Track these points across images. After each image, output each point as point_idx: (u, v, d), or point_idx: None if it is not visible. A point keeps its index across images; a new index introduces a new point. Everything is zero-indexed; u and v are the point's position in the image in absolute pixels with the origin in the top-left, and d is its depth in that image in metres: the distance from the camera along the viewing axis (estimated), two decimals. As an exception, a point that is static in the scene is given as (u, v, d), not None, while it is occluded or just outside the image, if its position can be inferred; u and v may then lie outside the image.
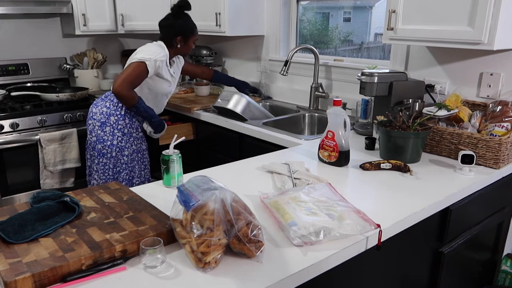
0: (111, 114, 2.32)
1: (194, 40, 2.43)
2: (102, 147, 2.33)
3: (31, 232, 1.05)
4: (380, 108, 2.01)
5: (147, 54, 2.23)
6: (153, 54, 2.24)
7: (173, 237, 1.07)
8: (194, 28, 2.42)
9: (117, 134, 2.34)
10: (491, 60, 1.95)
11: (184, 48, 2.42)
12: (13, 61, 3.17)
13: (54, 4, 3.04)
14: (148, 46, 2.31)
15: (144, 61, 2.20)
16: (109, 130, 2.32)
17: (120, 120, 2.33)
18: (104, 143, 2.33)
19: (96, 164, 2.36)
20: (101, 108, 2.33)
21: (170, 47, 2.37)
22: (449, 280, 1.69)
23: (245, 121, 2.41)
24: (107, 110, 2.32)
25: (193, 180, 1.13)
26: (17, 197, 2.83)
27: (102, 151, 2.34)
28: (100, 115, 2.32)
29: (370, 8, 2.67)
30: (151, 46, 2.31)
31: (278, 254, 1.06)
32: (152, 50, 2.26)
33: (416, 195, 1.42)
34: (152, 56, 2.23)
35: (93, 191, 1.34)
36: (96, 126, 2.33)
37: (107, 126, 2.32)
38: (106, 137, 2.33)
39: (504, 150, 1.62)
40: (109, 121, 2.32)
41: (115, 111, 2.32)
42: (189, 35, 2.39)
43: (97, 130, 2.33)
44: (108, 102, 2.34)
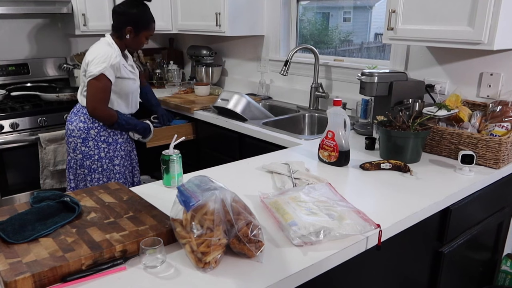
0: (89, 128, 2.19)
1: (147, 35, 2.25)
2: (91, 163, 2.22)
3: (31, 232, 1.05)
4: (380, 108, 2.01)
5: (100, 63, 2.07)
6: (105, 60, 2.07)
7: (173, 237, 1.07)
8: (150, 22, 2.24)
9: (102, 146, 2.22)
10: (491, 60, 1.96)
11: (134, 42, 2.23)
12: (13, 61, 3.17)
13: (54, 4, 3.03)
14: (96, 50, 2.14)
15: (101, 72, 2.06)
16: (93, 144, 2.21)
17: (101, 132, 2.21)
18: (92, 158, 2.22)
19: (89, 182, 2.25)
20: (77, 124, 2.20)
21: (119, 38, 2.21)
22: (449, 280, 1.69)
23: (245, 121, 2.41)
24: (84, 125, 2.19)
25: (193, 180, 1.13)
26: (17, 197, 2.83)
27: (92, 166, 2.23)
28: (79, 132, 2.20)
29: (370, 8, 2.67)
30: (98, 49, 2.13)
31: (278, 254, 1.06)
32: (101, 55, 2.09)
33: (416, 195, 1.42)
34: (106, 63, 2.07)
35: (93, 191, 1.34)
36: (78, 144, 2.21)
37: (89, 141, 2.20)
38: (92, 152, 2.21)
39: (504, 150, 1.62)
40: (90, 135, 2.20)
41: (92, 124, 2.20)
42: (141, 28, 2.20)
43: (81, 147, 2.21)
44: (82, 116, 2.20)
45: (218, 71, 3.38)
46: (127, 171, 2.34)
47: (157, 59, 3.73)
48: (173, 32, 3.34)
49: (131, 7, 2.19)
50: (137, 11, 2.19)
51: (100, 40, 2.23)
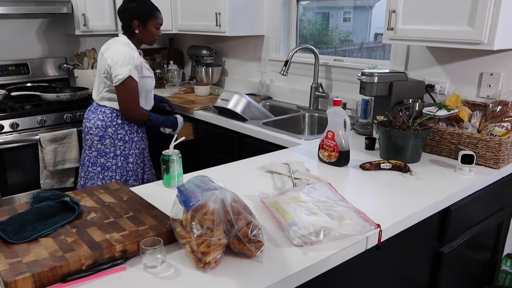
0: (107, 126, 2.22)
1: (155, 25, 2.24)
2: (105, 161, 2.25)
3: (31, 232, 1.05)
4: (380, 108, 2.01)
5: (125, 66, 2.09)
6: (129, 62, 2.09)
7: (173, 237, 1.07)
8: (153, 11, 2.22)
9: (118, 144, 2.25)
10: (491, 60, 1.96)
11: (145, 35, 2.23)
12: (13, 61, 3.17)
13: (54, 4, 3.03)
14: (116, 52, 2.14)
15: (129, 75, 2.09)
16: (110, 142, 2.23)
17: (119, 130, 2.24)
18: (107, 156, 2.24)
19: (101, 180, 2.27)
20: (95, 121, 2.23)
21: (131, 36, 2.22)
22: (449, 280, 1.69)
23: (245, 121, 2.41)
24: (102, 123, 2.22)
25: (193, 180, 1.13)
26: (17, 197, 2.83)
27: (106, 164, 2.25)
28: (97, 129, 2.23)
29: (370, 8, 2.67)
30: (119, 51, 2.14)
31: (278, 254, 1.06)
32: (124, 57, 2.10)
33: (416, 195, 1.42)
34: (131, 65, 2.09)
35: (93, 191, 1.34)
36: (94, 141, 2.24)
37: (106, 139, 2.23)
38: (108, 149, 2.24)
39: (504, 150, 1.62)
40: (107, 133, 2.22)
41: (110, 122, 2.22)
42: (146, 19, 2.20)
43: (97, 145, 2.24)
44: (101, 114, 2.23)
45: (218, 71, 3.38)
46: (139, 168, 2.36)
47: (157, 59, 3.73)
48: (173, 32, 3.34)
49: (130, 1, 2.22)
50: (137, 3, 2.21)
51: (115, 40, 2.24)
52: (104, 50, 2.22)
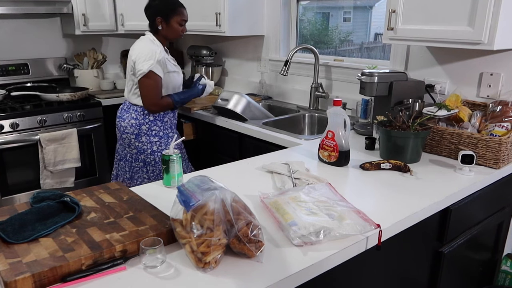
0: (141, 124, 2.25)
1: (179, 21, 2.24)
2: (145, 157, 2.28)
3: (31, 232, 1.05)
4: (380, 108, 2.01)
5: (146, 61, 2.12)
6: (151, 57, 2.12)
7: (173, 237, 1.07)
8: (176, 7, 2.23)
9: (154, 140, 2.27)
10: (491, 60, 1.95)
11: (169, 31, 2.24)
12: (13, 61, 3.17)
13: (54, 4, 3.04)
14: (139, 49, 2.19)
15: (150, 70, 2.11)
16: (146, 139, 2.26)
17: (152, 126, 2.27)
18: (146, 152, 2.27)
19: (145, 173, 2.31)
20: (129, 120, 2.26)
21: (156, 33, 2.25)
22: (449, 280, 1.69)
23: (245, 121, 2.41)
24: (136, 121, 2.25)
25: (193, 180, 1.13)
26: (17, 197, 2.84)
27: (146, 160, 2.28)
28: (131, 128, 2.26)
29: (370, 8, 2.67)
30: (142, 47, 2.19)
31: (278, 254, 1.06)
32: (146, 53, 2.14)
33: (416, 195, 1.42)
34: (152, 60, 2.12)
35: (93, 191, 1.34)
36: (132, 140, 2.27)
37: (142, 136, 2.26)
38: (146, 147, 2.27)
39: (504, 150, 1.62)
40: (142, 131, 2.25)
41: (143, 119, 2.25)
42: (169, 15, 2.21)
43: (135, 143, 2.27)
44: (133, 113, 2.27)
45: (218, 71, 3.38)
46: None
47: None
48: (173, 32, 3.33)
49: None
50: (160, 0, 2.23)
51: (141, 38, 2.28)
52: (131, 48, 2.26)
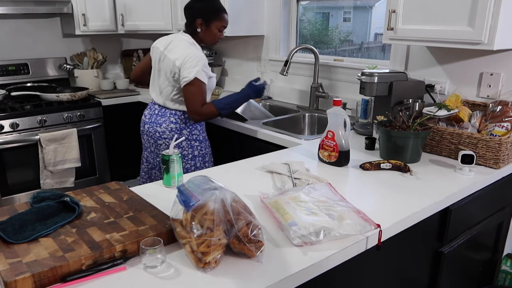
0: (182, 128, 2.17)
1: (219, 26, 2.16)
2: (184, 163, 2.19)
3: (31, 232, 1.05)
4: (380, 108, 2.01)
5: (192, 67, 2.02)
6: (197, 64, 2.02)
7: (173, 237, 1.07)
8: (219, 11, 2.15)
9: (195, 145, 2.21)
10: (491, 60, 1.95)
11: (207, 35, 2.16)
12: (13, 61, 3.17)
13: (54, 4, 3.04)
14: (184, 52, 2.06)
15: (195, 77, 2.02)
16: (187, 144, 2.19)
17: (193, 130, 2.20)
18: (185, 158, 2.19)
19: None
20: (167, 125, 2.17)
21: (193, 34, 2.16)
22: (449, 280, 1.69)
23: (245, 121, 2.41)
24: (176, 126, 2.17)
25: (193, 180, 1.13)
26: (17, 197, 2.84)
27: (185, 166, 2.19)
28: (171, 133, 2.17)
29: (370, 8, 2.67)
30: (187, 51, 2.06)
31: (278, 254, 1.06)
32: (192, 59, 2.03)
33: (416, 195, 1.42)
34: (199, 66, 2.02)
35: (93, 191, 1.34)
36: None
37: (183, 141, 2.18)
38: (186, 152, 2.19)
39: (504, 150, 1.62)
40: (182, 135, 2.18)
41: (185, 123, 2.18)
42: (211, 18, 2.12)
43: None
44: (172, 117, 2.17)
45: (218, 71, 3.38)
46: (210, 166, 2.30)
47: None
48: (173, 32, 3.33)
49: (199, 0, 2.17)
50: (204, 3, 2.16)
51: (178, 39, 2.16)
52: (168, 50, 2.13)
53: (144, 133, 2.28)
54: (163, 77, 2.17)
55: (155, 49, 2.22)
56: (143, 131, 2.29)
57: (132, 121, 3.29)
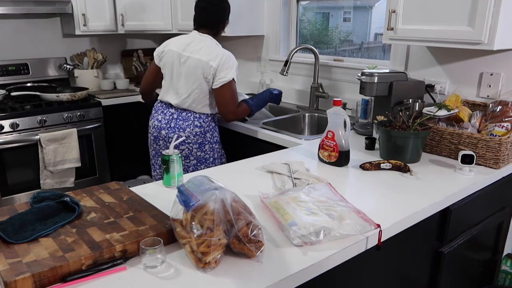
0: (206, 131, 2.16)
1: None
2: (205, 167, 2.17)
3: (31, 232, 1.05)
4: (380, 108, 2.01)
5: (229, 69, 2.03)
6: (233, 66, 2.04)
7: (173, 237, 1.07)
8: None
9: (216, 147, 2.22)
10: (491, 60, 1.96)
11: (220, 36, 2.21)
12: (13, 61, 3.17)
13: (54, 4, 3.04)
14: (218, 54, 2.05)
15: (233, 77, 2.05)
16: (209, 147, 2.18)
17: (215, 133, 2.22)
18: (207, 161, 2.18)
19: None
20: (192, 129, 2.13)
21: (215, 34, 2.15)
22: (449, 280, 1.69)
23: (245, 121, 2.41)
24: (200, 129, 2.14)
25: (193, 180, 1.13)
26: (17, 197, 2.84)
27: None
28: (195, 137, 2.13)
29: (370, 8, 2.67)
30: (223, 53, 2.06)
31: (278, 254, 1.06)
32: (228, 60, 2.04)
33: (416, 195, 1.42)
34: (234, 68, 2.05)
35: (93, 191, 1.34)
36: (193, 149, 2.14)
37: (205, 145, 2.17)
38: (208, 155, 2.18)
39: (504, 150, 1.62)
40: (206, 138, 2.16)
41: (208, 126, 2.17)
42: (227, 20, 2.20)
43: (196, 152, 2.15)
44: (197, 121, 2.14)
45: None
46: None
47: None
48: (173, 32, 3.33)
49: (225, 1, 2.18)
50: (228, 4, 2.18)
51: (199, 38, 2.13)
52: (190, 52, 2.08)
53: (159, 139, 2.20)
54: (187, 79, 2.10)
55: (169, 52, 2.15)
56: (157, 137, 2.20)
57: (132, 121, 3.29)
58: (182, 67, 2.10)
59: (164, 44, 2.22)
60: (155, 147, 2.26)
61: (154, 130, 2.22)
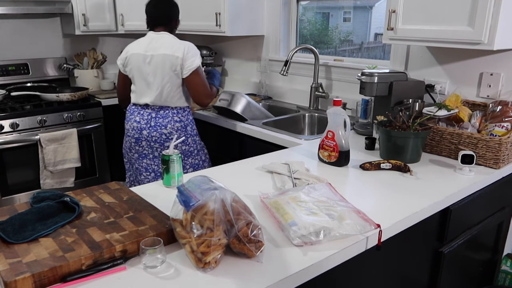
0: (186, 125, 2.22)
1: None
2: (193, 160, 2.25)
3: (31, 232, 1.05)
4: (380, 108, 2.01)
5: (195, 56, 2.14)
6: (197, 53, 2.15)
7: (173, 237, 1.07)
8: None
9: (197, 139, 2.29)
10: (491, 60, 1.95)
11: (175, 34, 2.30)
12: (13, 61, 3.17)
13: (54, 4, 3.04)
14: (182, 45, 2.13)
15: (199, 64, 2.15)
16: (191, 140, 2.24)
17: (193, 125, 2.29)
18: (193, 154, 2.25)
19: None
20: (173, 125, 2.18)
21: (171, 32, 2.24)
22: (449, 280, 1.69)
23: (245, 121, 2.41)
24: (181, 124, 2.21)
25: (193, 180, 1.13)
26: (17, 197, 2.84)
27: (194, 162, 2.26)
28: (178, 132, 2.19)
29: (370, 8, 2.67)
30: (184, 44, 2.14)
31: (278, 254, 1.06)
32: (192, 49, 2.14)
33: (416, 195, 1.42)
34: (199, 55, 2.16)
35: (93, 191, 1.34)
36: (178, 145, 2.18)
37: (188, 138, 2.23)
38: (192, 148, 2.25)
39: (504, 150, 1.62)
40: (187, 132, 2.22)
41: (187, 120, 2.23)
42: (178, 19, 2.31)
43: (182, 147, 2.21)
44: (176, 116, 2.20)
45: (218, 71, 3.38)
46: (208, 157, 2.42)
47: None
48: (173, 32, 3.34)
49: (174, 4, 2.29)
50: (176, 3, 2.30)
51: (157, 36, 2.19)
52: (153, 50, 2.14)
53: (141, 139, 2.21)
54: (156, 77, 2.15)
55: (132, 56, 2.20)
56: (139, 138, 2.21)
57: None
58: (149, 66, 2.15)
59: (125, 51, 2.26)
60: (137, 149, 2.26)
61: (135, 132, 2.22)
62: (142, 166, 2.28)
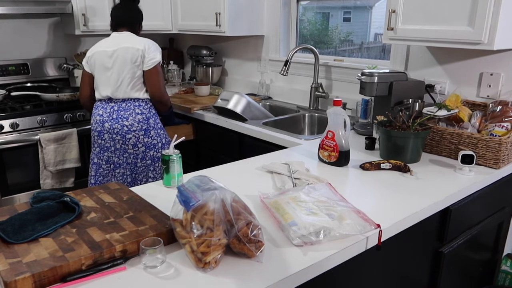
0: (149, 118, 2.27)
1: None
2: (155, 152, 2.29)
3: (31, 232, 1.05)
4: (380, 108, 2.01)
5: (156, 51, 2.23)
6: (158, 49, 2.23)
7: (173, 237, 1.07)
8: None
9: (161, 133, 2.33)
10: (491, 60, 1.96)
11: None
12: (13, 61, 3.17)
13: (54, 4, 3.03)
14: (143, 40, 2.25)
15: (160, 60, 2.24)
16: (154, 133, 2.28)
17: (157, 119, 2.33)
18: (156, 147, 2.29)
19: (152, 171, 2.32)
20: (134, 117, 2.24)
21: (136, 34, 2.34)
22: (449, 280, 1.69)
23: (245, 121, 2.41)
24: (142, 116, 2.25)
25: (193, 180, 1.13)
26: (17, 197, 2.83)
27: (156, 155, 2.30)
28: (139, 124, 2.25)
29: (370, 8, 2.67)
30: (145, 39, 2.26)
31: (278, 254, 1.06)
32: (153, 44, 2.24)
33: (416, 195, 1.42)
34: (160, 51, 2.24)
35: (93, 191, 1.34)
36: (140, 137, 2.25)
37: (151, 130, 2.27)
38: (155, 141, 2.28)
39: (504, 150, 1.62)
40: (150, 124, 2.27)
41: (149, 112, 2.28)
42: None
43: (144, 139, 2.26)
44: (137, 108, 2.27)
45: (218, 71, 3.38)
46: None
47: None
48: (173, 32, 3.34)
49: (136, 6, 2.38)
50: (140, 9, 2.39)
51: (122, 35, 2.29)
52: (116, 45, 2.23)
53: (103, 132, 2.28)
54: (117, 69, 2.23)
55: (96, 53, 2.28)
56: (101, 131, 2.28)
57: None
58: (111, 59, 2.24)
59: (90, 51, 2.35)
60: (100, 142, 2.32)
61: (97, 125, 2.30)
62: (102, 159, 2.34)
